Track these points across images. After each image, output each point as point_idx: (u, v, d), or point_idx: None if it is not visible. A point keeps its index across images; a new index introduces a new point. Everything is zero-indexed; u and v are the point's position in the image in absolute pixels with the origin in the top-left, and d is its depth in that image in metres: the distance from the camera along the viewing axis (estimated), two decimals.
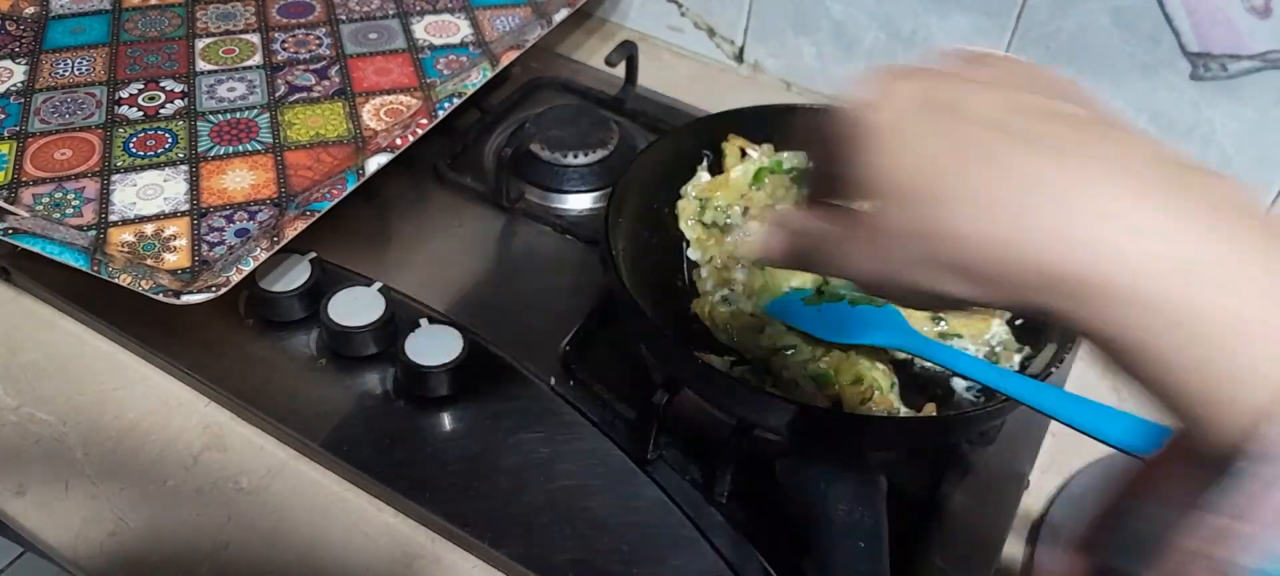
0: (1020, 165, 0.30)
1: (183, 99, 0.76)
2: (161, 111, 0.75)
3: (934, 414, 0.59)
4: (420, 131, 0.71)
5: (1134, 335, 0.28)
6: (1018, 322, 0.64)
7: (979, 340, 0.63)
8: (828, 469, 0.50)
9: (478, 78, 0.77)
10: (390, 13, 0.87)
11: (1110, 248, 0.28)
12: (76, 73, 0.78)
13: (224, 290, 0.58)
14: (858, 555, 0.47)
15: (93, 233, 0.64)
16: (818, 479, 0.50)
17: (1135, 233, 0.28)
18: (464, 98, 0.75)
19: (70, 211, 0.66)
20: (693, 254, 0.70)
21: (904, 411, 0.59)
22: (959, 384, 0.63)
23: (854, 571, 0.47)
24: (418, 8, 0.87)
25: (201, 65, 0.79)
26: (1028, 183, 0.30)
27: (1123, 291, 0.28)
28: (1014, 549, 0.60)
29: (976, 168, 0.31)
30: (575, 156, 0.78)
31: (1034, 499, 0.62)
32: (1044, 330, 0.61)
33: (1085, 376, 0.70)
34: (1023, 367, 0.61)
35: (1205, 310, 0.27)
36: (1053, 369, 0.55)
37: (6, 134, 0.71)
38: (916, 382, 0.62)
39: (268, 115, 0.75)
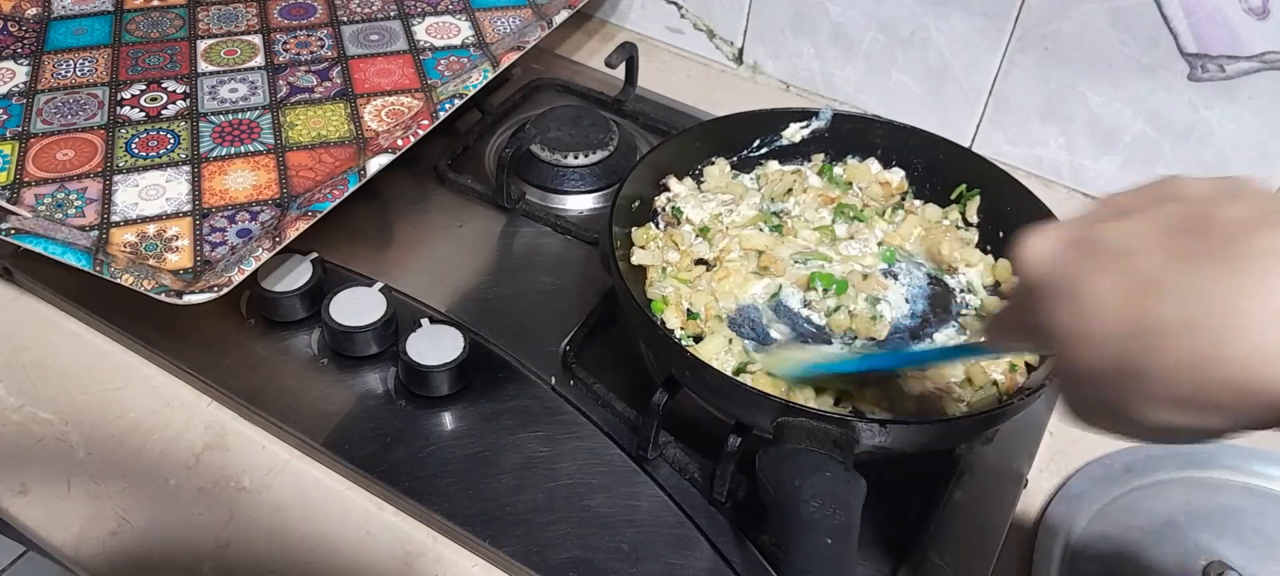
0: (1189, 287, 0.30)
1: (185, 100, 0.76)
2: (164, 112, 0.75)
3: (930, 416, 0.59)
4: (421, 132, 0.71)
5: None
6: None
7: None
8: (806, 464, 0.49)
9: (478, 79, 0.77)
10: (391, 14, 0.87)
11: None
12: (78, 74, 0.78)
13: (226, 290, 0.58)
14: (823, 551, 0.46)
15: (95, 233, 0.64)
16: (793, 473, 0.49)
17: None
18: (465, 99, 0.75)
19: (72, 212, 0.66)
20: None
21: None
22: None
23: (818, 566, 0.46)
24: (419, 9, 0.88)
25: (203, 66, 0.80)
26: (1202, 304, 0.30)
27: None
28: (1012, 548, 0.60)
29: (1147, 302, 0.31)
30: (575, 157, 0.78)
31: (1032, 498, 0.62)
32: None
33: None
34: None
35: None
36: (1049, 382, 0.55)
37: (9, 134, 0.72)
38: None
39: (269, 116, 0.75)
